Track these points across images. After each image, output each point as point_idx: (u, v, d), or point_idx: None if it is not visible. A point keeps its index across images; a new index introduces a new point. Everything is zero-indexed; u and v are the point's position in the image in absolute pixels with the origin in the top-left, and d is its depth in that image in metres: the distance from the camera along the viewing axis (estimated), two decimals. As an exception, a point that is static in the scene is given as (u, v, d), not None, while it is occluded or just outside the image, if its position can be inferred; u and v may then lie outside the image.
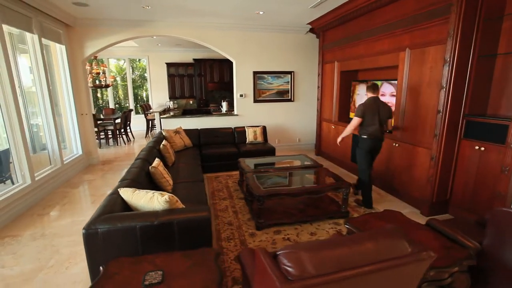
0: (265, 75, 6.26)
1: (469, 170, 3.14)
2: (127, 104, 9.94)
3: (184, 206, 2.24)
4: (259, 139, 5.63)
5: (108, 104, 9.56)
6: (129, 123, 7.95)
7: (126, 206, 2.20)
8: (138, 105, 9.36)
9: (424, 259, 1.17)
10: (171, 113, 7.81)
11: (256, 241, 2.88)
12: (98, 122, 6.95)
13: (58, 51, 4.82)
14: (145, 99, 10.38)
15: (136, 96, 10.71)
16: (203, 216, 1.96)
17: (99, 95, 10.53)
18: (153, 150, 3.99)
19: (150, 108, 9.08)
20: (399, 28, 3.65)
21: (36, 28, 4.05)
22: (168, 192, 3.12)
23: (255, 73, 6.17)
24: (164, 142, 4.27)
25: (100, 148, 6.95)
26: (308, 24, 5.69)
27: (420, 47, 3.37)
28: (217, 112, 7.70)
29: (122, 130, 7.54)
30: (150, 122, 8.62)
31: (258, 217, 3.10)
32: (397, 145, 3.83)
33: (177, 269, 1.60)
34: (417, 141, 3.53)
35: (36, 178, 3.88)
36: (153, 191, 2.13)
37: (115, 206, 2.11)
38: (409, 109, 3.63)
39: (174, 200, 2.09)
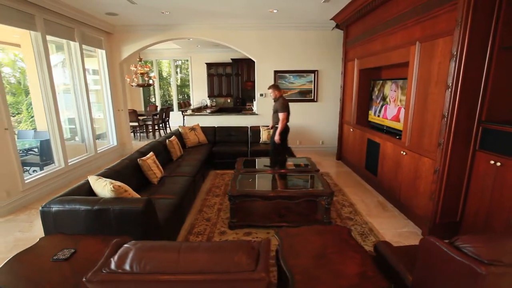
0: (287, 74, 6.12)
1: (484, 189, 2.56)
2: (172, 102, 10.84)
3: (136, 197, 2.40)
4: (273, 139, 5.54)
5: (155, 101, 10.61)
6: (168, 119, 8.70)
7: (92, 192, 2.48)
8: (178, 103, 10.12)
9: (255, 279, 1.05)
10: (208, 111, 8.28)
11: (222, 240, 2.89)
12: (139, 117, 7.80)
13: (99, 55, 5.59)
14: (187, 97, 11.17)
15: (183, 94, 11.63)
16: (136, 208, 2.08)
17: (151, 93, 11.77)
18: (159, 145, 4.33)
19: (190, 106, 9.76)
20: (411, 19, 3.16)
21: (77, 37, 4.80)
22: (153, 183, 3.38)
23: (276, 72, 6.09)
24: (171, 138, 4.58)
25: (139, 140, 7.81)
26: (331, 19, 5.34)
27: (430, 40, 2.86)
28: (251, 111, 7.86)
29: (161, 125, 8.30)
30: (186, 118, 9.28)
31: (231, 217, 3.11)
32: (404, 153, 3.34)
33: (89, 251, 1.75)
34: (423, 150, 3.02)
35: (69, 163, 4.61)
36: (107, 180, 2.34)
37: (81, 190, 2.41)
38: (416, 112, 3.13)
39: (122, 190, 2.27)
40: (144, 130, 8.21)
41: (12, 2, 3.54)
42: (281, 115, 4.21)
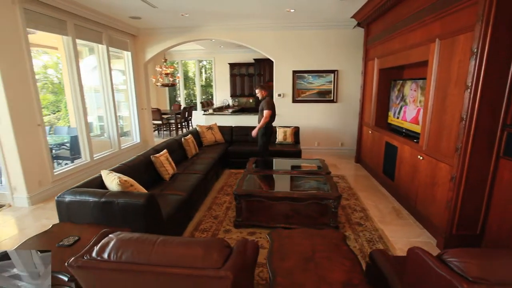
0: (306, 74, 6.02)
1: (509, 200, 2.33)
2: (195, 101, 11.16)
3: (142, 191, 2.52)
4: (289, 140, 5.50)
5: (180, 101, 10.99)
6: (190, 118, 8.97)
7: (103, 185, 2.64)
8: (200, 102, 10.39)
9: (219, 277, 1.06)
10: (230, 111, 8.43)
11: (226, 238, 2.94)
12: (163, 116, 8.14)
13: (125, 57, 5.93)
14: (211, 97, 11.41)
15: (207, 94, 11.92)
16: (138, 202, 2.19)
17: (178, 92, 12.20)
18: (175, 143, 4.49)
19: (212, 105, 9.98)
20: (430, 15, 2.96)
21: (105, 40, 5.14)
22: (165, 180, 3.52)
23: (294, 72, 6.02)
24: (187, 136, 4.73)
25: (162, 138, 8.14)
26: (352, 17, 5.16)
27: (450, 37, 2.66)
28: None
29: (184, 124, 8.59)
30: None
31: (237, 216, 3.14)
32: (421, 158, 3.14)
33: (91, 240, 1.88)
34: (440, 155, 2.82)
35: (94, 158, 4.95)
36: (116, 174, 2.49)
37: (93, 183, 2.58)
38: (434, 114, 2.93)
39: (128, 184, 2.40)
40: (167, 128, 8.54)
41: (47, 10, 3.89)
42: (265, 112, 4.39)
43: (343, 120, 6.09)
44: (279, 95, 6.17)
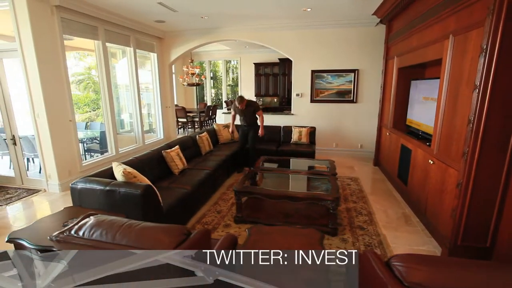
0: (324, 74, 5.91)
1: None
2: (222, 100, 11.47)
3: (145, 183, 2.72)
4: (304, 140, 5.45)
5: (206, 99, 11.39)
6: (214, 116, 9.27)
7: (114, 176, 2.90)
8: (224, 101, 10.64)
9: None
10: None
11: (224, 231, 3.05)
12: (188, 114, 8.53)
13: (152, 58, 6.34)
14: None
15: (235, 93, 12.18)
16: (136, 192, 2.38)
17: (207, 91, 12.65)
18: (189, 140, 4.72)
19: (237, 105, 10.19)
20: (446, 9, 2.77)
21: (132, 43, 5.55)
22: (175, 174, 3.73)
23: (313, 72, 5.94)
24: (202, 134, 4.93)
25: (187, 135, 8.51)
26: (373, 14, 4.95)
27: (463, 32, 2.47)
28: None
29: (208, 122, 8.91)
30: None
31: (237, 211, 3.23)
32: (432, 162, 2.95)
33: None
34: (450, 160, 2.63)
35: (120, 152, 5.38)
36: (122, 166, 2.71)
37: (105, 174, 2.85)
38: (446, 116, 2.73)
39: (131, 176, 2.61)
40: (192, 126, 8.92)
41: (81, 18, 4.34)
42: (260, 112, 4.82)
43: (363, 121, 5.86)
44: (297, 95, 6.13)
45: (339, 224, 3.11)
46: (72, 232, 1.37)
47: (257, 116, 4.86)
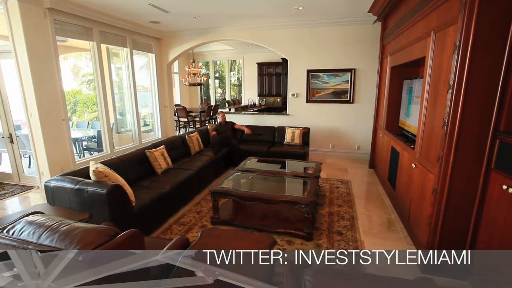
0: (321, 74, 5.77)
1: (503, 220, 1.96)
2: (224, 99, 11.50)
3: (116, 182, 2.73)
4: (296, 141, 5.35)
5: (209, 99, 11.44)
6: (215, 116, 9.28)
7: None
8: (226, 101, 10.64)
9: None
10: (255, 110, 8.54)
11: (198, 232, 3.02)
12: (189, 113, 8.58)
13: (150, 58, 6.42)
14: (241, 95, 11.62)
15: (240, 92, 12.18)
16: (102, 192, 2.39)
17: (211, 91, 12.72)
18: (178, 139, 4.73)
19: (240, 104, 10.17)
20: (429, 3, 2.61)
21: (129, 44, 5.64)
22: (158, 173, 3.75)
23: (309, 71, 5.81)
24: (193, 134, 4.93)
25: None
26: (369, 12, 4.78)
27: (443, 29, 2.32)
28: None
29: (210, 121, 8.94)
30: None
31: (213, 213, 3.20)
32: (414, 166, 2.80)
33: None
34: (429, 164, 2.48)
35: (114, 150, 5.48)
36: (96, 165, 2.74)
37: (82, 172, 2.89)
38: (428, 117, 2.58)
39: (102, 175, 2.63)
40: (193, 125, 8.98)
41: (74, 20, 4.45)
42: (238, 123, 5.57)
43: (360, 122, 5.68)
44: (293, 95, 6.03)
45: (317, 229, 3.01)
46: (4, 231, 1.38)
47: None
